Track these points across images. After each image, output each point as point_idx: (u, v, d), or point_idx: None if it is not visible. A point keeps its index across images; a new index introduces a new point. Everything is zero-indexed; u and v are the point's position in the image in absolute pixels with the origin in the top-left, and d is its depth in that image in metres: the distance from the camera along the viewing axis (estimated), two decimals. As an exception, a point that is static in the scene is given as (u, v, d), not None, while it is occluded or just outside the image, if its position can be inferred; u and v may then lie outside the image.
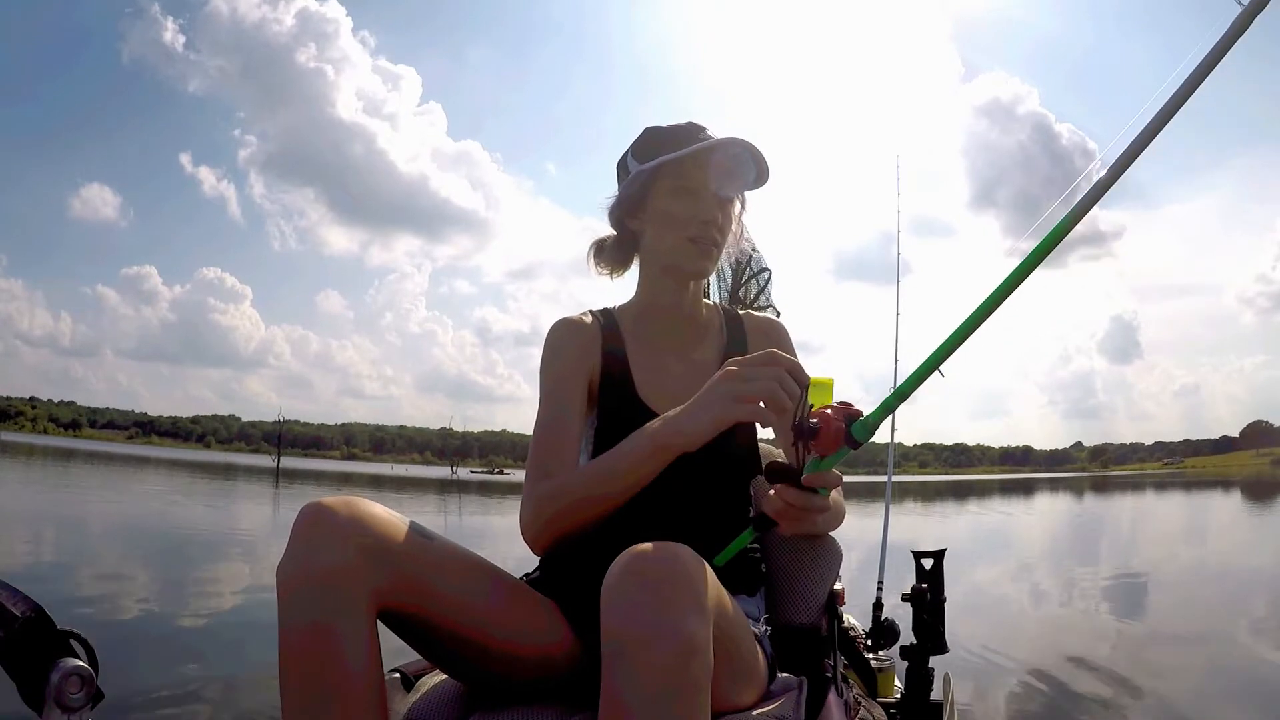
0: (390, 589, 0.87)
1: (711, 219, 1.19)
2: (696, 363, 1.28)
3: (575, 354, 1.24)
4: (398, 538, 0.90)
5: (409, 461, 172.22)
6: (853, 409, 0.89)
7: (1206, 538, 13.66)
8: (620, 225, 1.28)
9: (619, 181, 1.28)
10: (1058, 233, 0.82)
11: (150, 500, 15.54)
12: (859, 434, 0.87)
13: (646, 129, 1.24)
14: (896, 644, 2.35)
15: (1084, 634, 5.04)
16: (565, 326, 1.27)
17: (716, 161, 1.18)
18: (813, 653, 1.37)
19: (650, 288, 1.29)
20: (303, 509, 0.88)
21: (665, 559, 0.80)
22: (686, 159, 1.17)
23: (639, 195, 1.23)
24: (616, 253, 1.31)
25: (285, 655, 0.83)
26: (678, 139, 1.19)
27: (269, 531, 10.72)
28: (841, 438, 0.87)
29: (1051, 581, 7.81)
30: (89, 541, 8.68)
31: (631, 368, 1.26)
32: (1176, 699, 3.48)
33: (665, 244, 1.22)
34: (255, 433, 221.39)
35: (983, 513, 20.63)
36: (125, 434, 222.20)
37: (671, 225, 1.20)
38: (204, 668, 3.72)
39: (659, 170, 1.19)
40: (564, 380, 1.21)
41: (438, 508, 17.89)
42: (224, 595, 5.79)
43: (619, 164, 1.28)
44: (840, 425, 0.87)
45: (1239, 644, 4.66)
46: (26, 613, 0.74)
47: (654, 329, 1.29)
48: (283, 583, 0.84)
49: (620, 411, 1.23)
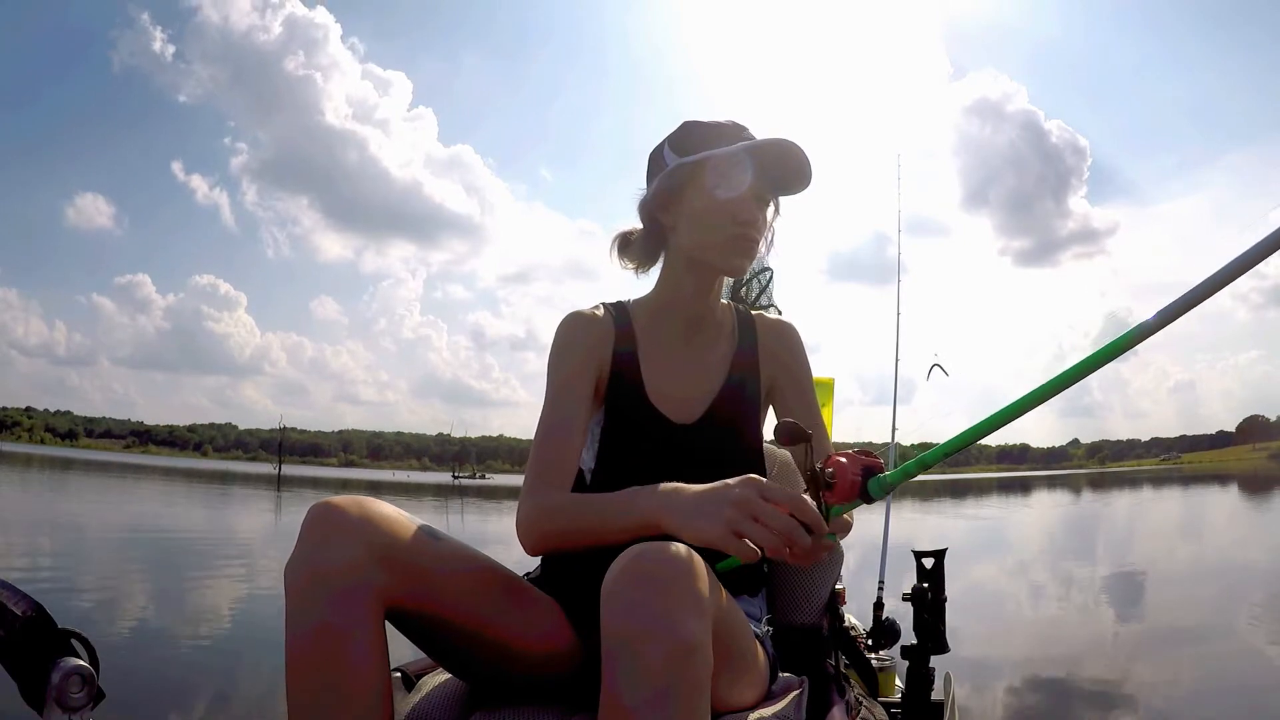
0: (398, 588, 0.87)
1: (752, 219, 1.15)
2: (708, 364, 1.25)
3: (584, 351, 1.20)
4: (406, 537, 0.90)
5: (407, 467, 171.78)
6: (871, 459, 0.86)
7: (1207, 532, 13.66)
8: (651, 219, 1.22)
9: (650, 174, 1.23)
10: (1080, 369, 0.76)
11: (158, 507, 15.50)
12: (875, 491, 0.85)
13: (685, 122, 1.20)
14: (897, 644, 2.35)
15: (1086, 631, 5.04)
16: (575, 321, 1.23)
17: (764, 162, 1.14)
18: (814, 652, 1.37)
19: (674, 283, 1.23)
20: (311, 508, 0.88)
21: (666, 559, 0.80)
22: (731, 156, 1.13)
23: (677, 189, 1.17)
24: (645, 246, 1.24)
25: (293, 653, 0.83)
26: (721, 136, 1.15)
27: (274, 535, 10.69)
28: (856, 491, 0.85)
29: (1052, 579, 7.81)
30: (109, 549, 8.66)
31: (642, 368, 1.23)
32: (1174, 696, 3.48)
33: (701, 240, 1.17)
34: (252, 440, 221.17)
35: (981, 511, 20.63)
36: (122, 443, 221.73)
37: (711, 223, 1.15)
38: (206, 668, 3.71)
39: (701, 166, 1.15)
40: (570, 381, 1.18)
41: (437, 509, 17.85)
42: (231, 598, 5.78)
43: (652, 155, 1.23)
44: (856, 479, 0.85)
45: (1240, 639, 4.66)
46: (27, 612, 0.74)
47: (669, 326, 1.25)
48: (291, 581, 0.84)
49: (628, 412, 1.21)
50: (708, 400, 1.23)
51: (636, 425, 1.20)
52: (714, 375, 1.25)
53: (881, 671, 2.20)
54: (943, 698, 2.17)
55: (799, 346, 1.31)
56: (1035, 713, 3.28)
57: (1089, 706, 3.34)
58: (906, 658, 2.19)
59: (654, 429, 1.20)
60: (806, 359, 1.31)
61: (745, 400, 1.25)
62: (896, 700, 2.17)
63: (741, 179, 1.13)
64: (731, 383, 1.25)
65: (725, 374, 1.25)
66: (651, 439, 1.20)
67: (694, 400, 1.23)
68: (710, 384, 1.24)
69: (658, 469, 1.10)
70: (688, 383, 1.24)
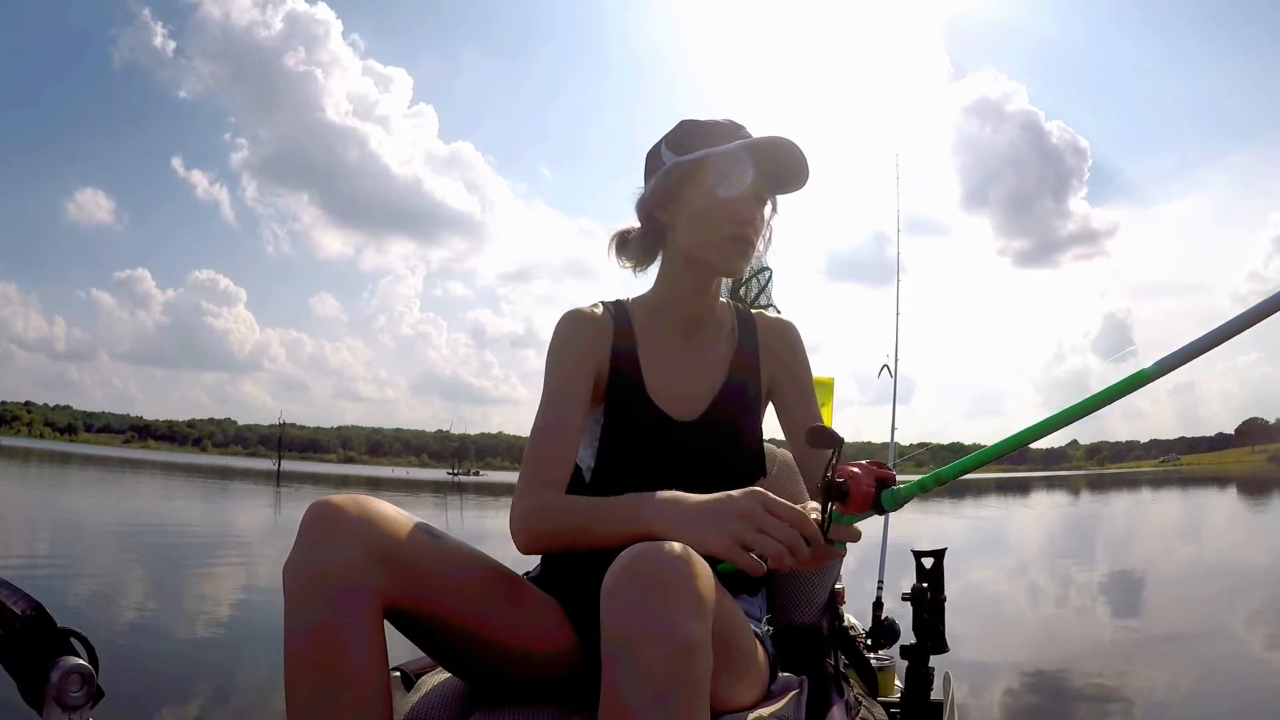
0: (397, 587, 0.87)
1: (750, 218, 1.14)
2: (708, 363, 1.25)
3: (582, 349, 1.19)
4: (405, 536, 0.90)
5: (406, 464, 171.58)
6: (884, 470, 0.86)
7: (1207, 534, 13.67)
8: (649, 218, 1.21)
9: (647, 173, 1.23)
10: (1086, 405, 0.79)
11: (159, 502, 15.51)
12: (888, 503, 0.84)
13: (682, 121, 1.19)
14: (897, 643, 2.35)
15: (1083, 633, 5.04)
16: (574, 319, 1.22)
17: (761, 160, 1.14)
18: (813, 652, 1.37)
19: (672, 282, 1.23)
20: (310, 507, 0.88)
21: (666, 559, 0.80)
22: (730, 155, 1.13)
23: (675, 188, 1.17)
24: (643, 245, 1.24)
25: (291, 652, 0.83)
26: (719, 134, 1.15)
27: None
28: (869, 502, 0.85)
29: (1050, 580, 7.81)
30: (109, 544, 8.66)
31: (642, 366, 1.22)
32: (1170, 698, 3.49)
33: (699, 239, 1.16)
34: (251, 436, 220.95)
35: (980, 512, 20.64)
36: (122, 438, 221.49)
37: (709, 221, 1.14)
38: (206, 667, 3.71)
39: (700, 164, 1.14)
40: (567, 379, 1.17)
41: (436, 505, 17.86)
42: (231, 595, 5.78)
43: (649, 154, 1.23)
44: (870, 490, 0.84)
45: (1238, 641, 4.66)
46: (27, 611, 0.74)
47: (668, 325, 1.25)
48: (290, 580, 0.85)
49: (629, 410, 1.21)
50: (708, 398, 1.23)
51: (637, 423, 1.20)
52: (714, 373, 1.24)
53: (881, 671, 2.20)
54: (942, 698, 2.17)
55: (799, 345, 1.30)
56: (1034, 713, 3.28)
57: (1086, 707, 3.34)
58: (906, 657, 2.19)
59: (654, 427, 1.20)
60: (806, 358, 1.31)
61: (746, 398, 1.25)
62: (896, 700, 2.17)
63: (741, 177, 1.13)
64: (732, 381, 1.24)
65: (726, 372, 1.25)
66: (652, 436, 1.19)
67: (694, 398, 1.23)
68: (711, 382, 1.24)
69: (658, 467, 1.10)
70: (688, 380, 1.23)
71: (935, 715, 2.12)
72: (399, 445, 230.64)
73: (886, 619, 2.52)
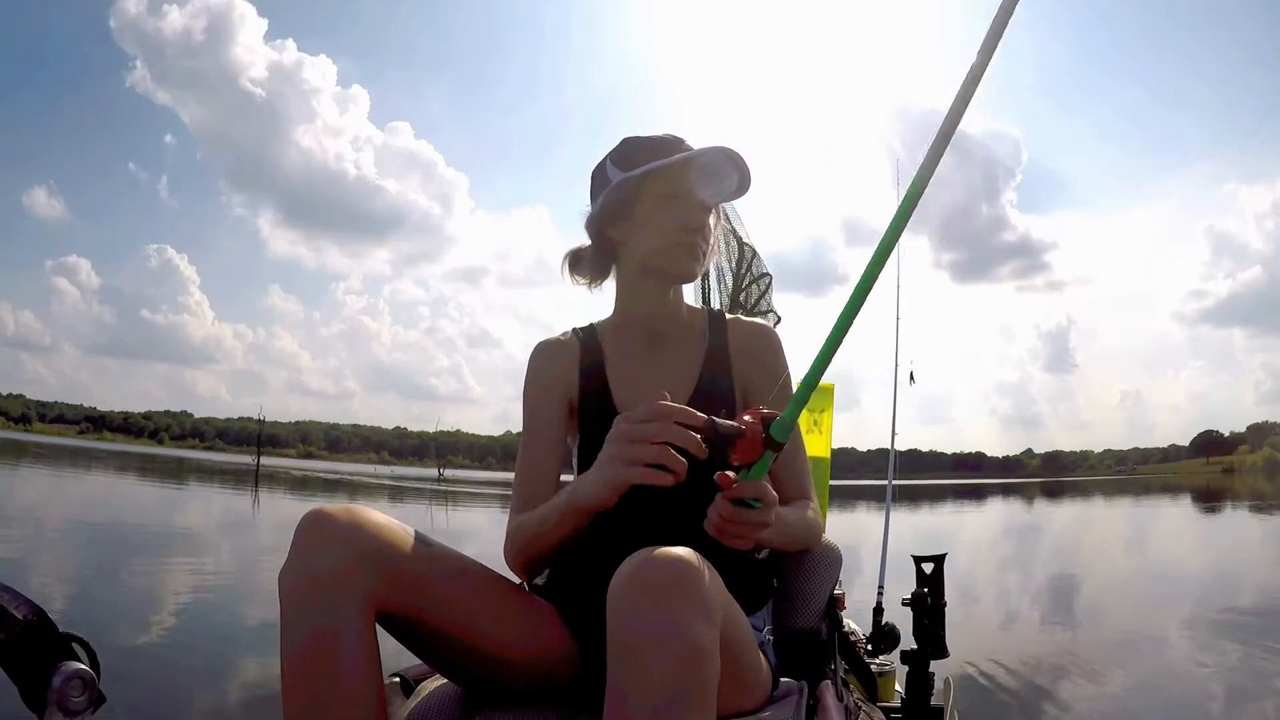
0: (388, 593, 0.89)
1: (699, 226, 1.18)
2: (677, 368, 1.26)
3: (551, 377, 1.24)
4: (396, 543, 0.92)
5: (367, 460, 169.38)
6: (767, 412, 0.82)
7: (1171, 543, 13.71)
8: (599, 234, 1.24)
9: (594, 190, 1.25)
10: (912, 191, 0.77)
11: (164, 505, 15.51)
12: (778, 434, 0.80)
13: (625, 139, 1.23)
14: (897, 649, 2.35)
15: (1052, 640, 5.04)
16: (542, 350, 1.27)
17: (704, 169, 1.17)
18: (814, 658, 1.37)
19: (630, 294, 1.26)
20: (304, 517, 0.90)
21: (672, 564, 0.80)
22: (674, 166, 1.16)
23: (624, 203, 1.20)
24: (595, 261, 1.27)
25: (287, 659, 0.85)
26: (661, 148, 1.18)
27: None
28: (760, 441, 0.81)
29: (1022, 588, 7.81)
30: (95, 541, 8.65)
31: (609, 380, 1.25)
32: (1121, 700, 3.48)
33: (653, 248, 1.19)
34: (209, 429, 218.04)
35: (981, 513, 20.63)
36: (76, 429, 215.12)
37: (659, 231, 1.18)
38: (205, 668, 3.71)
39: (646, 178, 1.18)
40: (539, 409, 1.23)
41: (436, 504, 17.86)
42: (231, 593, 5.78)
43: (595, 172, 1.26)
44: (756, 426, 0.81)
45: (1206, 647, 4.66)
46: (28, 616, 0.74)
47: (633, 337, 1.27)
48: (284, 588, 0.86)
49: (600, 425, 1.20)
50: (680, 401, 1.23)
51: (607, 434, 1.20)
52: (684, 377, 1.25)
53: (881, 677, 2.20)
54: (942, 703, 2.17)
55: (778, 347, 1.31)
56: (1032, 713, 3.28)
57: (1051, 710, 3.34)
58: (906, 663, 2.19)
59: None
60: (785, 359, 1.31)
61: (717, 399, 1.25)
62: (896, 705, 2.17)
63: (685, 186, 1.17)
64: (703, 383, 1.25)
65: (696, 376, 1.25)
66: None
67: None
68: (682, 385, 1.24)
69: None
70: (656, 386, 1.23)
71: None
72: (358, 441, 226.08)
73: (887, 624, 2.52)
